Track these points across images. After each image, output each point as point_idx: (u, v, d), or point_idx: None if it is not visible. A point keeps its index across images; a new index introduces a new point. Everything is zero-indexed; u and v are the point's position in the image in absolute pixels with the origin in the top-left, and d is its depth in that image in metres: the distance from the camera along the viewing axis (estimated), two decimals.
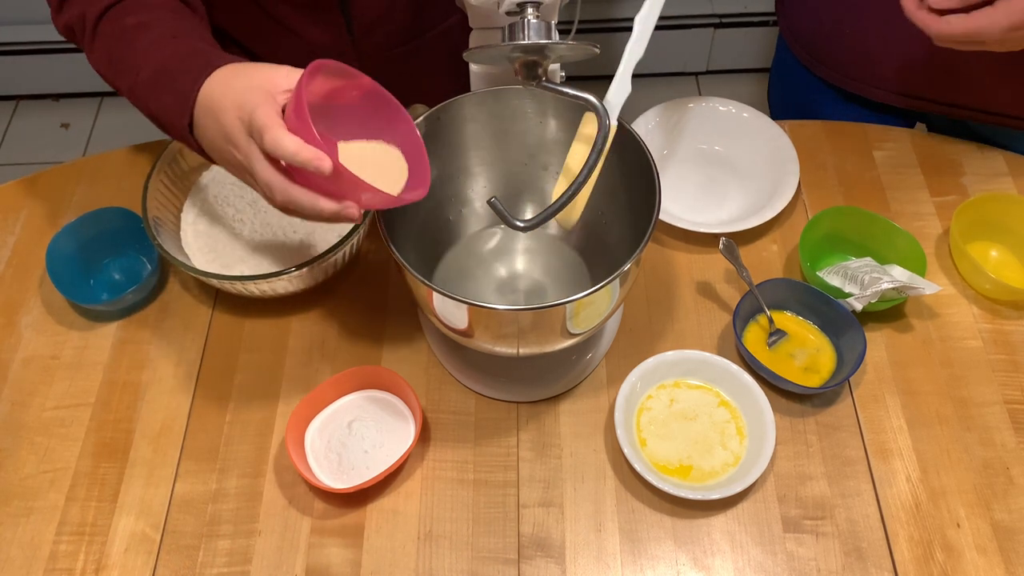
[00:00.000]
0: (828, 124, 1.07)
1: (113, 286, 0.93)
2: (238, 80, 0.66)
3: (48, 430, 0.84)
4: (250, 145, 0.63)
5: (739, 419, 0.81)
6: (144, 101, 0.73)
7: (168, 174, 0.91)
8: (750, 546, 0.76)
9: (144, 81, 0.72)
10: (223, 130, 0.65)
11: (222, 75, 0.67)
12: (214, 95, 0.66)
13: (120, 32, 0.76)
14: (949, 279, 0.92)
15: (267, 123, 0.61)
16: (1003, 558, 0.75)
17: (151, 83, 0.72)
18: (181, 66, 0.70)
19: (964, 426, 0.82)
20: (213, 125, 0.66)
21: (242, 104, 0.63)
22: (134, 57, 0.74)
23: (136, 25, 0.75)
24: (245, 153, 0.63)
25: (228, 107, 0.64)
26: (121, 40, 0.75)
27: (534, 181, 0.89)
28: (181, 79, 0.69)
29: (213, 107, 0.66)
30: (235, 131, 0.64)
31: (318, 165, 0.59)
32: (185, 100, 0.68)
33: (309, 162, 0.59)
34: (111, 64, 0.76)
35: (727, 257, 0.89)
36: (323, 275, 0.88)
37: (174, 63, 0.71)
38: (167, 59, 0.71)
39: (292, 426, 0.79)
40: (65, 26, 0.81)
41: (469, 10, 0.76)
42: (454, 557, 0.76)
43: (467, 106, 0.80)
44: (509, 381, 0.85)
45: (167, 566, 0.76)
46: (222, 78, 0.67)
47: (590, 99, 0.67)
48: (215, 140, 0.67)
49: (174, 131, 0.71)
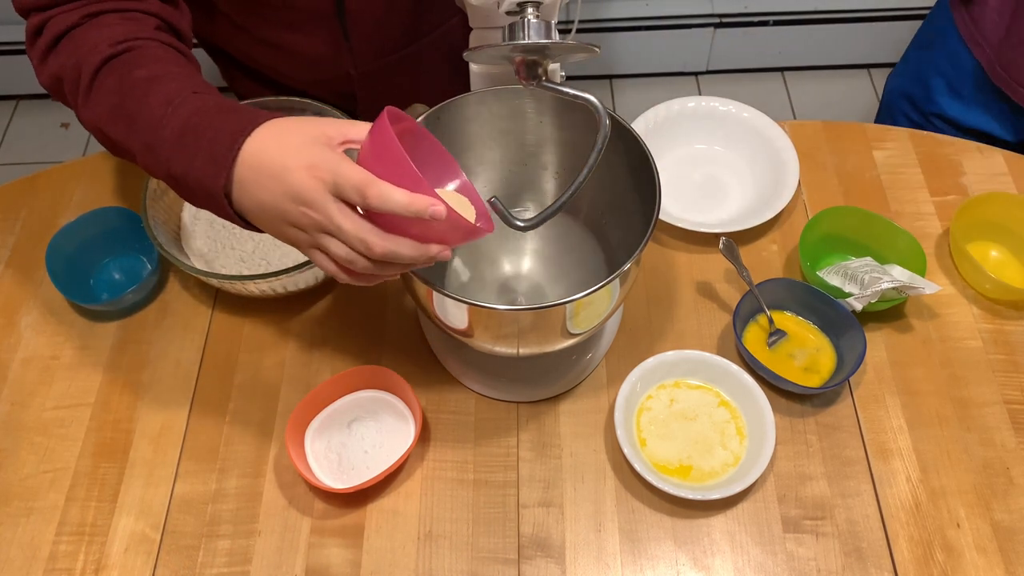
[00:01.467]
0: (828, 124, 1.07)
1: (113, 286, 0.93)
2: (291, 137, 0.61)
3: (48, 430, 0.84)
4: (334, 204, 0.58)
5: (739, 419, 0.81)
6: (165, 162, 0.65)
7: None
8: (750, 546, 0.76)
9: (168, 139, 0.64)
10: (291, 190, 0.59)
11: (268, 133, 0.62)
12: (266, 155, 0.61)
13: (129, 86, 0.68)
14: (949, 279, 0.92)
15: (364, 178, 0.57)
16: (1003, 558, 0.75)
17: (176, 142, 0.64)
18: (212, 123, 0.63)
19: (964, 426, 0.82)
20: (273, 186, 0.60)
21: (315, 163, 0.59)
22: (150, 113, 0.66)
23: (148, 78, 0.68)
24: (326, 213, 0.58)
25: (294, 166, 0.59)
26: (131, 94, 0.67)
27: (534, 181, 0.89)
28: (214, 138, 0.62)
29: (270, 167, 0.60)
30: (311, 191, 0.58)
31: (433, 212, 0.56)
32: (221, 161, 0.61)
33: (424, 211, 0.56)
34: (116, 120, 0.68)
35: (727, 257, 0.89)
36: (323, 275, 0.88)
37: (202, 120, 0.64)
38: (192, 115, 0.64)
39: (292, 426, 0.79)
40: (52, 77, 0.73)
41: (469, 10, 0.76)
42: (454, 557, 0.76)
43: (467, 106, 0.80)
44: (509, 381, 0.85)
45: (167, 566, 0.76)
46: (269, 136, 0.62)
47: (590, 99, 0.67)
48: (274, 202, 0.61)
49: (201, 194, 0.64)
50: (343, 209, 0.58)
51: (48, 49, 0.73)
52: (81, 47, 0.70)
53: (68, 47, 0.71)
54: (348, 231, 0.58)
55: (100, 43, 0.70)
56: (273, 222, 0.62)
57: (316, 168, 0.59)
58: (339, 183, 0.58)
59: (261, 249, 0.90)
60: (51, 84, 0.74)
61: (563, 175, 0.87)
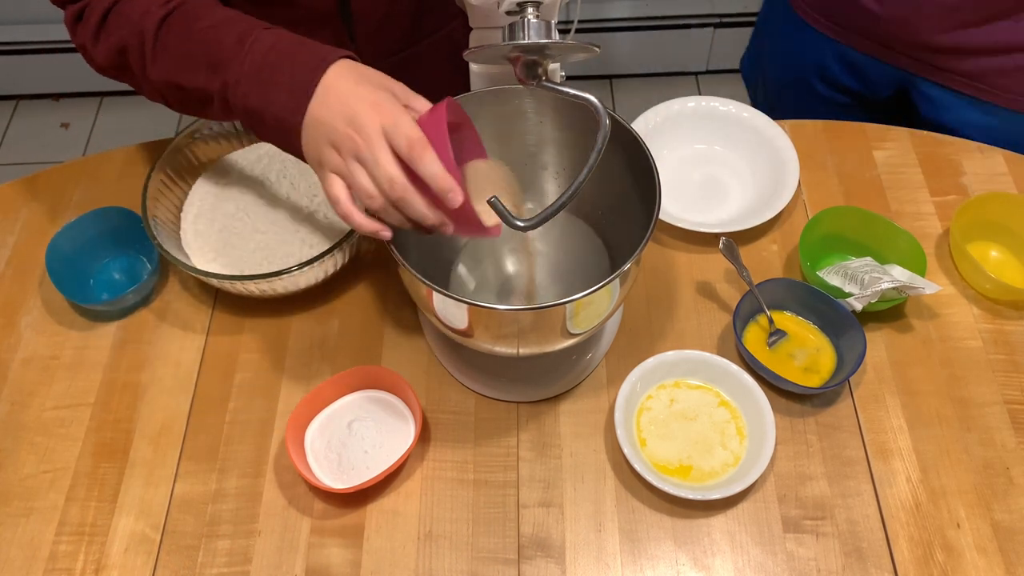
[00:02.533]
0: (828, 124, 1.07)
1: (113, 286, 0.93)
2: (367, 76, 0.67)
3: (48, 430, 0.84)
4: (381, 140, 0.63)
5: (739, 419, 0.81)
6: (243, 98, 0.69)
7: (168, 174, 0.91)
8: (750, 546, 0.76)
9: (248, 74, 0.68)
10: (350, 113, 0.64)
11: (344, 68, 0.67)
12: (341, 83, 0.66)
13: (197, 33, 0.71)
14: (949, 279, 0.92)
15: (420, 137, 0.62)
16: (1003, 558, 0.75)
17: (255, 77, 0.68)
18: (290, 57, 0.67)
19: (964, 426, 0.82)
20: (335, 106, 0.65)
21: (381, 103, 0.64)
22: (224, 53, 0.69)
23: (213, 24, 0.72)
24: (370, 142, 0.63)
25: (362, 97, 0.64)
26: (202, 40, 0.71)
27: (534, 181, 0.89)
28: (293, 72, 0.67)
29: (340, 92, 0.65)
30: (368, 120, 0.63)
31: (452, 197, 0.63)
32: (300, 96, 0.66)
33: (445, 192, 0.63)
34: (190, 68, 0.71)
35: (727, 257, 0.89)
36: (323, 275, 0.88)
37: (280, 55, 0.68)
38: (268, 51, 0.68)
39: (292, 426, 0.79)
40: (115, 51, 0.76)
41: (469, 10, 0.76)
42: (454, 557, 0.76)
43: (467, 106, 0.79)
44: (509, 381, 0.85)
45: (167, 566, 0.76)
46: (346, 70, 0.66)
47: (590, 99, 0.67)
48: (329, 119, 0.65)
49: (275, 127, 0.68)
50: (385, 146, 0.63)
51: (98, 29, 0.76)
52: (132, 16, 0.74)
53: (117, 21, 0.75)
54: (382, 164, 0.63)
55: (151, 6, 0.73)
56: (316, 139, 0.66)
57: (380, 107, 0.64)
58: (396, 128, 0.63)
59: (261, 249, 0.90)
60: (112, 60, 0.77)
61: (563, 175, 0.87)
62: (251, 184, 0.94)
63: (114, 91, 2.18)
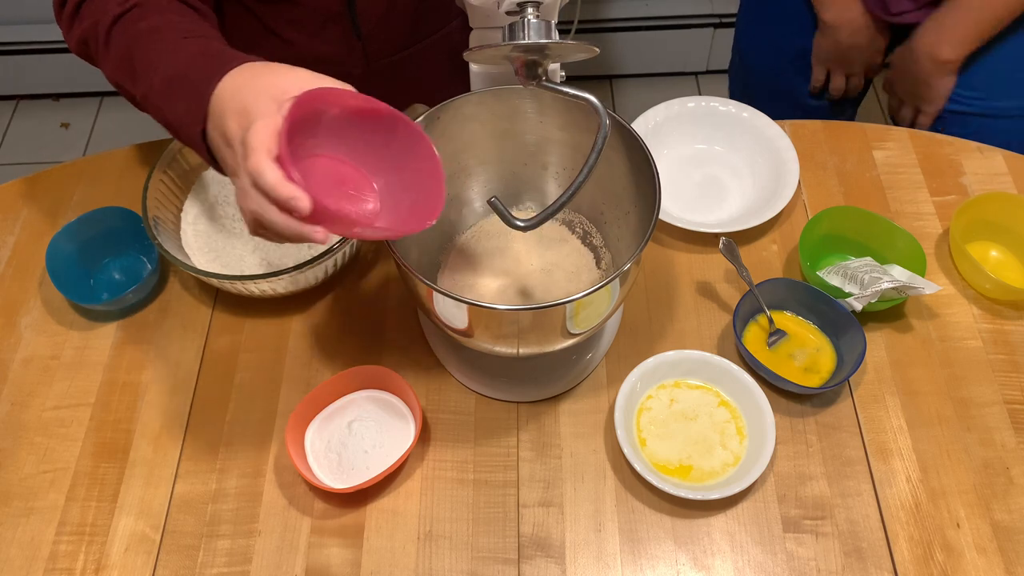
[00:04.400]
0: (828, 124, 1.07)
1: (113, 286, 0.93)
2: (250, 83, 0.64)
3: (48, 430, 0.84)
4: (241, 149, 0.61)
5: (739, 419, 0.81)
6: (158, 109, 0.71)
7: (168, 174, 0.91)
8: (750, 546, 0.76)
9: (158, 87, 0.70)
10: (224, 133, 0.64)
11: (235, 78, 0.65)
12: (224, 98, 0.65)
13: (134, 37, 0.73)
14: (949, 279, 0.92)
15: (255, 145, 0.58)
16: (1003, 558, 0.75)
17: (165, 89, 0.69)
18: (194, 70, 0.68)
19: (964, 426, 0.82)
20: (219, 126, 0.65)
21: (245, 111, 0.62)
22: (147, 62, 0.71)
23: (149, 29, 0.73)
24: (236, 160, 0.62)
25: (232, 111, 0.63)
26: (134, 46, 0.73)
27: (534, 181, 0.89)
28: (195, 84, 0.66)
29: (222, 109, 0.64)
30: (233, 137, 0.62)
31: (295, 205, 0.57)
32: (199, 107, 0.66)
33: (286, 201, 0.58)
34: (125, 72, 0.74)
35: (727, 257, 0.89)
36: (323, 275, 0.88)
37: (187, 67, 0.68)
38: (180, 63, 0.69)
39: (292, 426, 0.79)
40: (79, 41, 0.78)
41: (469, 10, 0.76)
42: (454, 557, 0.76)
43: (467, 106, 0.80)
44: (509, 381, 0.85)
45: (167, 566, 0.76)
46: (235, 82, 0.65)
47: (590, 99, 0.67)
48: (218, 142, 0.66)
49: (187, 139, 0.69)
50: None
51: (72, 16, 0.79)
52: (97, 9, 0.76)
53: (88, 11, 0.77)
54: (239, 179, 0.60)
55: (111, 2, 0.75)
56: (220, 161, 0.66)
57: (242, 117, 0.62)
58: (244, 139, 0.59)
59: (261, 249, 0.90)
60: (80, 48, 0.80)
61: (563, 175, 0.87)
62: None
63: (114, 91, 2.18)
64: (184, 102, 0.67)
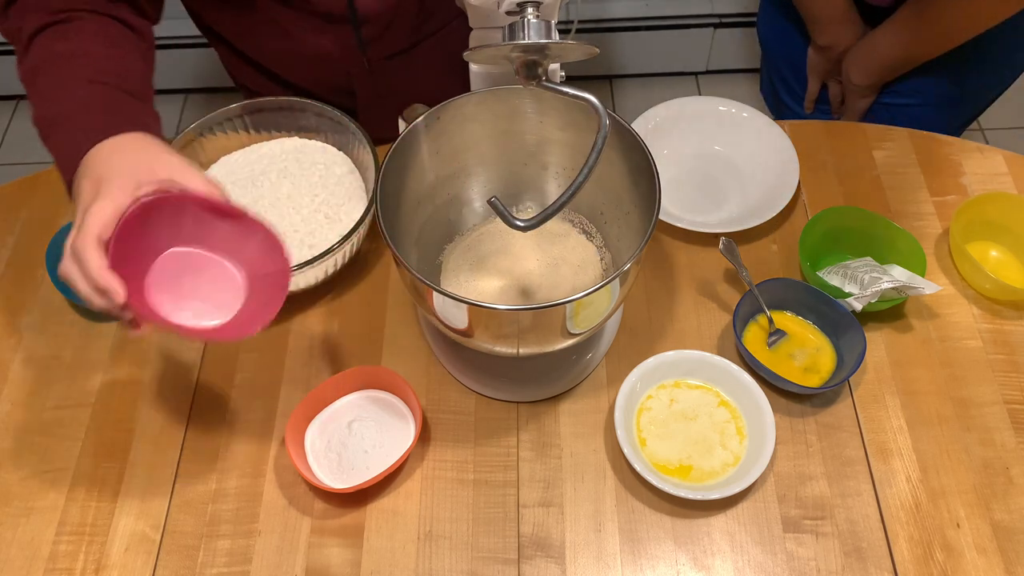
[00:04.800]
0: (828, 124, 1.07)
1: None
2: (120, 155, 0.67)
3: (48, 430, 0.84)
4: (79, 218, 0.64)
5: (739, 419, 0.81)
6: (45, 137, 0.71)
7: None
8: (750, 546, 0.76)
9: (49, 118, 0.71)
10: (78, 189, 0.66)
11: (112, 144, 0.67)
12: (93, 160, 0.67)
13: (47, 58, 0.73)
14: (949, 279, 0.92)
15: (89, 226, 0.62)
16: (1003, 558, 0.75)
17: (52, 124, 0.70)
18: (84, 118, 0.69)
19: (964, 426, 0.82)
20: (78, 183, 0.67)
21: (99, 180, 0.64)
22: (48, 89, 0.72)
23: (65, 54, 0.73)
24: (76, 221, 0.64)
25: (91, 177, 0.65)
26: (44, 67, 0.73)
27: (534, 181, 0.89)
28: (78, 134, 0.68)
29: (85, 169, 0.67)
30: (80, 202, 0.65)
31: (110, 296, 0.61)
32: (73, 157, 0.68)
33: (101, 290, 0.61)
34: (29, 85, 0.74)
35: (727, 257, 0.89)
36: (323, 275, 0.88)
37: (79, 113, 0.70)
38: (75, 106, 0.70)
39: (292, 426, 0.79)
40: (4, 33, 0.79)
41: (469, 10, 0.76)
42: (454, 557, 0.76)
43: (467, 106, 0.80)
44: (509, 381, 0.85)
45: (167, 566, 0.76)
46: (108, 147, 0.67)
47: (590, 99, 0.67)
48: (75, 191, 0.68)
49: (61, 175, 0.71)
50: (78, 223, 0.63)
51: (5, 8, 0.77)
52: (26, 12, 0.75)
53: (16, 11, 0.76)
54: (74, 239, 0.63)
55: (41, 9, 0.74)
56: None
57: (96, 185, 0.64)
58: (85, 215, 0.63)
59: None
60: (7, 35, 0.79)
61: (563, 175, 0.87)
62: (251, 184, 0.94)
63: None
64: (64, 146, 0.69)
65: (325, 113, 0.94)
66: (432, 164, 0.83)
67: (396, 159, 0.76)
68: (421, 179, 0.82)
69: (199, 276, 0.68)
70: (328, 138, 0.96)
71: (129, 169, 0.65)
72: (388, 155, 0.75)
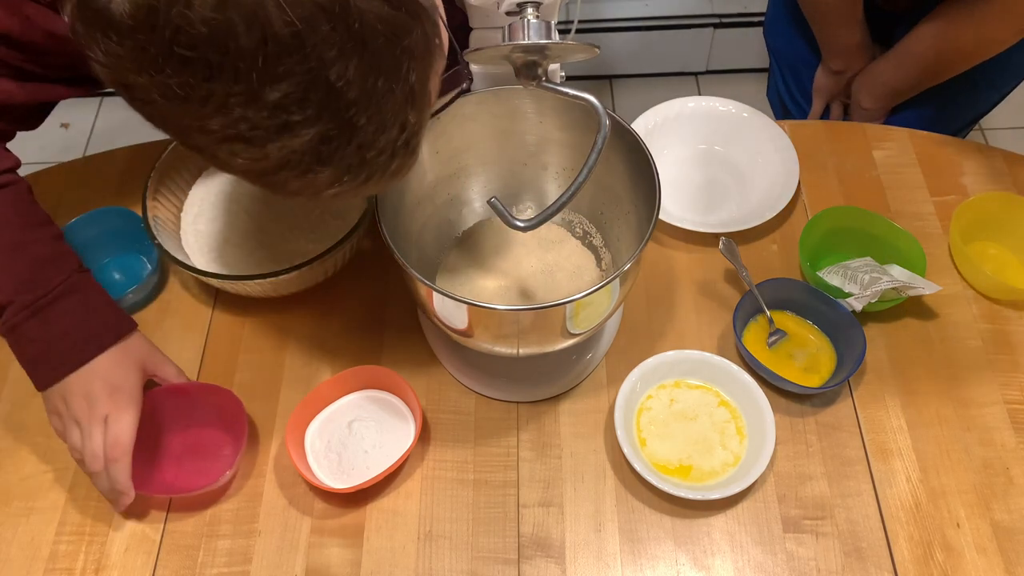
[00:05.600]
0: (828, 124, 1.07)
1: (113, 286, 0.93)
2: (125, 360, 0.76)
3: (48, 430, 0.83)
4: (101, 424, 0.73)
5: (739, 419, 0.81)
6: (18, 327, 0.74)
7: (168, 174, 0.91)
8: (750, 546, 0.76)
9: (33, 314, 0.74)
10: (89, 390, 0.74)
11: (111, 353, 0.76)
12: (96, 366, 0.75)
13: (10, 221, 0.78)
14: (949, 279, 0.92)
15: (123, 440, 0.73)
16: (1003, 558, 0.75)
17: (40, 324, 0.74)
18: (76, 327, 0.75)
19: (964, 426, 0.82)
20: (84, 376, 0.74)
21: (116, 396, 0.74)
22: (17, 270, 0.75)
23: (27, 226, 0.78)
24: (92, 422, 0.73)
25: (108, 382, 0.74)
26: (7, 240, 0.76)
27: (534, 181, 0.89)
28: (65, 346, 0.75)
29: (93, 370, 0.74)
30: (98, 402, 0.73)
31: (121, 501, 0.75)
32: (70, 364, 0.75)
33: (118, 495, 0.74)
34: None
35: (727, 257, 0.89)
36: (323, 275, 0.88)
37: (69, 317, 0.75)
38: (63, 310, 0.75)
39: (292, 426, 0.79)
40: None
41: (469, 10, 0.76)
42: (454, 557, 0.76)
43: (467, 106, 0.80)
44: (509, 381, 0.85)
45: (167, 566, 0.76)
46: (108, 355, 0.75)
47: (590, 99, 0.67)
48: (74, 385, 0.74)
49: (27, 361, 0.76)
50: (101, 429, 0.73)
51: None
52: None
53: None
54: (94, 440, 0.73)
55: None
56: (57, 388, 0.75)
57: (115, 396, 0.74)
58: (114, 423, 0.73)
59: (261, 249, 0.90)
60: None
61: (563, 175, 0.87)
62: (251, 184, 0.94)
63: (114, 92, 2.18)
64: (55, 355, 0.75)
65: None
66: (432, 164, 0.83)
67: None
68: (421, 179, 0.82)
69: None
70: None
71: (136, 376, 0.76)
72: None
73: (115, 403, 0.73)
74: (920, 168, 1.02)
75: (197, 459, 0.81)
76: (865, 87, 1.16)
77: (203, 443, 0.82)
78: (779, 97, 1.36)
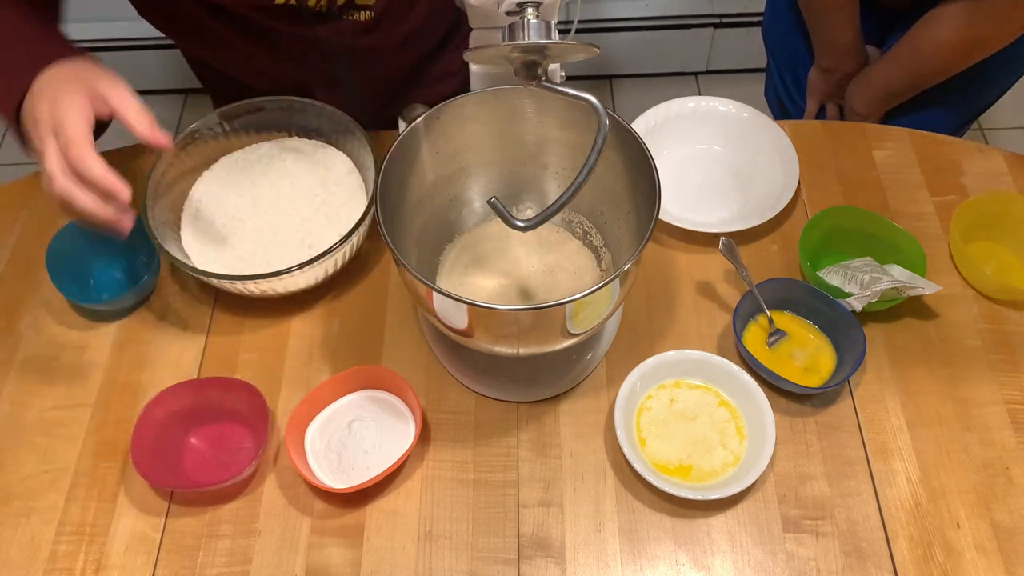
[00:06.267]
0: (828, 124, 1.07)
1: (113, 286, 0.93)
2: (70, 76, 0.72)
3: (48, 430, 0.84)
4: (49, 138, 0.69)
5: (739, 419, 0.81)
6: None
7: (168, 174, 0.91)
8: (750, 546, 0.76)
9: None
10: (34, 114, 0.71)
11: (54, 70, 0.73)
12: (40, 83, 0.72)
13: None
14: (949, 279, 0.92)
15: (77, 138, 0.67)
16: (1003, 558, 0.75)
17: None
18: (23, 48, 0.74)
19: (964, 426, 0.82)
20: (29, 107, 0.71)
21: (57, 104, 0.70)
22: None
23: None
24: (42, 141, 0.70)
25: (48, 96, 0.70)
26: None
27: (534, 181, 0.89)
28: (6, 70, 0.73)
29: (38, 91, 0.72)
30: (41, 120, 0.70)
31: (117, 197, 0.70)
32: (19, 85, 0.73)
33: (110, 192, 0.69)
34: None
35: (727, 257, 0.89)
36: (323, 275, 0.88)
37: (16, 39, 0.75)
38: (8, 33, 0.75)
39: (292, 426, 0.79)
40: None
41: (469, 10, 0.76)
42: (454, 557, 0.76)
43: (467, 106, 0.80)
44: (509, 381, 0.85)
45: (167, 566, 0.76)
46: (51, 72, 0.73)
47: (590, 99, 0.67)
48: (26, 119, 0.72)
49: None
50: (52, 144, 0.69)
51: None
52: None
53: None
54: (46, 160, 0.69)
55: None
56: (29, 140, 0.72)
57: (56, 104, 0.69)
58: (60, 127, 0.68)
59: (261, 249, 0.90)
60: None
61: (563, 175, 0.87)
62: (251, 184, 0.94)
63: None
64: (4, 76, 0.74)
65: (325, 113, 0.94)
66: (432, 164, 0.83)
67: (396, 159, 0.76)
68: (421, 179, 0.82)
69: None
70: (328, 138, 0.96)
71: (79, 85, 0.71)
72: (388, 155, 0.75)
73: (56, 111, 0.69)
74: (920, 168, 1.02)
75: (220, 453, 0.81)
76: (858, 91, 1.17)
77: (225, 437, 0.82)
78: (777, 96, 1.36)
